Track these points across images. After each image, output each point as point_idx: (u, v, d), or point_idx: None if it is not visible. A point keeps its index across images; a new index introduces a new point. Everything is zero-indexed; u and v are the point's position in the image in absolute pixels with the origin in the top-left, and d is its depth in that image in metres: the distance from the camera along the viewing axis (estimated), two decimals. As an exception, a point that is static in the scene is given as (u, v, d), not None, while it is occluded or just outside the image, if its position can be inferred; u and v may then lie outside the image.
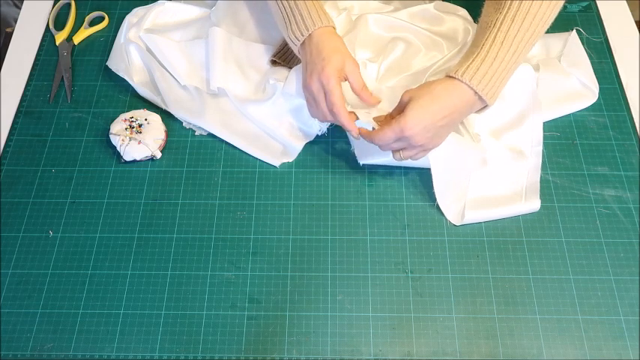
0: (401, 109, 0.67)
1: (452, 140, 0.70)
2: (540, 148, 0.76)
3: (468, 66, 0.65)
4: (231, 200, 0.75)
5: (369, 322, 0.67)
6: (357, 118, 0.69)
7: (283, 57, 0.80)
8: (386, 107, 0.75)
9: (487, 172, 0.74)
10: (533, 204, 0.72)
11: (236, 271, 0.70)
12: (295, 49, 0.73)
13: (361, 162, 0.76)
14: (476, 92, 0.65)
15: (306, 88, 0.71)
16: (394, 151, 0.69)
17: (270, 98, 0.78)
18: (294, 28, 0.71)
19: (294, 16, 0.71)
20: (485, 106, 0.68)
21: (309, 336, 0.66)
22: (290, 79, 0.76)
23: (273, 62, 0.82)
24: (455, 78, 0.65)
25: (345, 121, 0.68)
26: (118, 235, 0.72)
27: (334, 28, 0.72)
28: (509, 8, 0.66)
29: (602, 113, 0.81)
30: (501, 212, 0.72)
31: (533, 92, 0.78)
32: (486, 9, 0.71)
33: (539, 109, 0.77)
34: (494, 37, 0.66)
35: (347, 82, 0.70)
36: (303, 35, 0.70)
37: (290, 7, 0.72)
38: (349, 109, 0.70)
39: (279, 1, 0.73)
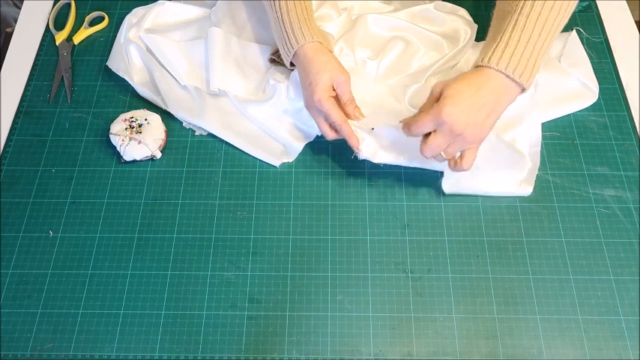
0: (432, 101, 0.66)
1: None
2: (539, 148, 0.75)
3: (493, 51, 0.64)
4: (231, 200, 0.75)
5: (369, 322, 0.67)
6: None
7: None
8: (385, 105, 0.75)
9: (485, 164, 0.74)
10: (526, 189, 0.73)
11: (236, 271, 0.70)
12: (288, 65, 0.75)
13: (360, 157, 0.76)
14: (507, 76, 0.64)
15: (307, 110, 0.74)
16: (432, 149, 0.65)
17: (271, 99, 0.78)
18: (284, 45, 0.72)
19: (282, 34, 0.72)
20: (524, 90, 0.66)
21: (309, 336, 0.66)
22: (290, 85, 0.77)
23: (272, 61, 0.82)
24: (482, 66, 0.64)
25: (348, 136, 0.70)
26: (118, 235, 0.72)
27: (320, 42, 0.71)
28: None
29: (602, 113, 0.81)
30: (491, 188, 0.73)
31: (532, 92, 0.78)
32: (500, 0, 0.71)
33: (537, 109, 0.77)
34: (516, 21, 0.65)
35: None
36: (290, 52, 0.71)
37: (280, 22, 0.72)
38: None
39: (273, 19, 0.74)
